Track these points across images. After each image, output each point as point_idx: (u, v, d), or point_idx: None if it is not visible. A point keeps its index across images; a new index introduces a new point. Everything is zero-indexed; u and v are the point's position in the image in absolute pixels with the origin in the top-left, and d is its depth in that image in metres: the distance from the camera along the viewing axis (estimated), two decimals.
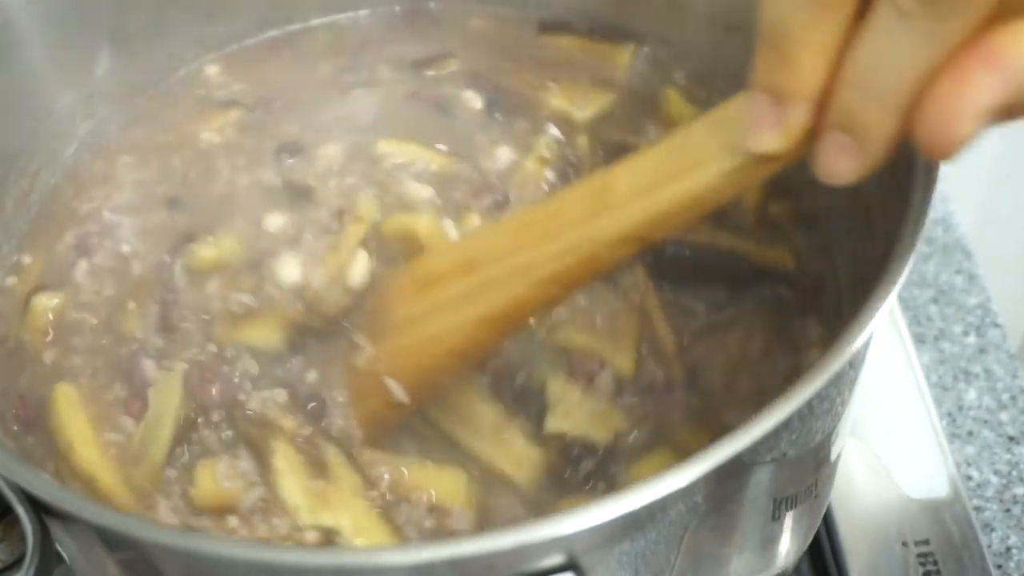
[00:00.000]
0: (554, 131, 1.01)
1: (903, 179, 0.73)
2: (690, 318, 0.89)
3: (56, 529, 0.65)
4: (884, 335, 1.15)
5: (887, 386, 1.11)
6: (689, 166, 0.61)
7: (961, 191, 1.38)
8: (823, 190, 0.58)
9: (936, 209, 1.29)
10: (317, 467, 0.82)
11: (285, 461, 0.83)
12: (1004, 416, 1.13)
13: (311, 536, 0.80)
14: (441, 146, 1.00)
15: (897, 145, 0.55)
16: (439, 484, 0.80)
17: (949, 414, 1.13)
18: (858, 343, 0.64)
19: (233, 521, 0.80)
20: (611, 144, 1.00)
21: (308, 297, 0.90)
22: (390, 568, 0.59)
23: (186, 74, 1.10)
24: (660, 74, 1.06)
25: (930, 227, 1.29)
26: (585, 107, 1.03)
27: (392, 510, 0.81)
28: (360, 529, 0.80)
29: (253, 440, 0.84)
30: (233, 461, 0.83)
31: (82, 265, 0.95)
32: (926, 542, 0.99)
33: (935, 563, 0.97)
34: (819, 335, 0.87)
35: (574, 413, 0.83)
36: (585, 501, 0.57)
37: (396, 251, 0.92)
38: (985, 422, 1.12)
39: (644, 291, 0.90)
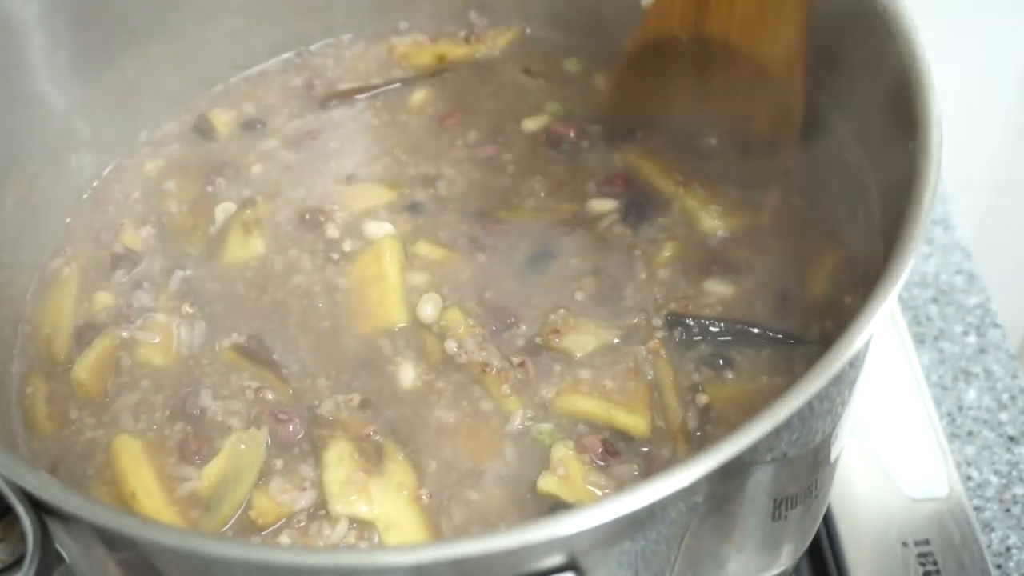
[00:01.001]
0: None
1: (903, 180, 0.74)
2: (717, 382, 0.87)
3: (56, 529, 0.65)
4: (884, 335, 1.15)
5: (887, 386, 1.11)
6: None
7: (961, 191, 1.38)
8: None
9: (936, 209, 1.30)
10: (373, 462, 0.83)
11: (335, 454, 0.83)
12: (1004, 416, 1.13)
13: (342, 527, 0.80)
14: None
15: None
16: None
17: (949, 414, 1.13)
18: (858, 343, 0.64)
19: (286, 538, 0.81)
20: None
21: None
22: (391, 568, 0.59)
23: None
24: None
25: (930, 227, 1.29)
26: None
27: (440, 510, 0.81)
28: (395, 524, 0.80)
29: (316, 441, 0.85)
30: (289, 474, 0.84)
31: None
32: (926, 542, 0.99)
33: (935, 563, 0.97)
34: None
35: (572, 480, 0.81)
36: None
37: None
38: (985, 422, 1.12)
39: (656, 359, 0.88)
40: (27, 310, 0.98)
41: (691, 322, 0.89)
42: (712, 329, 0.89)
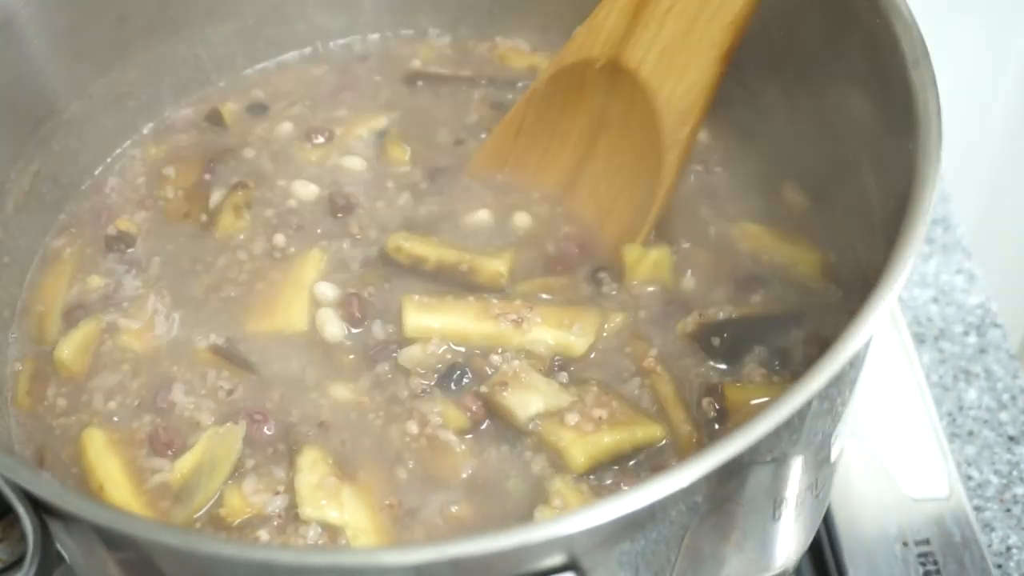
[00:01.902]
0: None
1: (903, 180, 0.74)
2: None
3: (57, 529, 0.65)
4: (884, 335, 1.15)
5: (887, 386, 1.11)
6: None
7: (961, 191, 1.38)
8: None
9: (936, 209, 1.29)
10: (348, 469, 0.83)
11: (309, 459, 0.83)
12: (1004, 416, 1.13)
13: (312, 532, 0.80)
14: None
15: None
16: None
17: (949, 414, 1.13)
18: (858, 343, 0.64)
19: (264, 534, 0.80)
20: None
21: None
22: (391, 568, 0.59)
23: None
24: None
25: (930, 227, 1.29)
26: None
27: (407, 519, 0.81)
28: (363, 531, 0.80)
29: (291, 444, 0.84)
30: (262, 475, 0.84)
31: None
32: (926, 542, 0.99)
33: (935, 563, 0.97)
34: None
35: (570, 509, 0.79)
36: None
37: None
38: (985, 422, 1.12)
39: (651, 373, 0.86)
40: (25, 287, 0.99)
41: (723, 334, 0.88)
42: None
